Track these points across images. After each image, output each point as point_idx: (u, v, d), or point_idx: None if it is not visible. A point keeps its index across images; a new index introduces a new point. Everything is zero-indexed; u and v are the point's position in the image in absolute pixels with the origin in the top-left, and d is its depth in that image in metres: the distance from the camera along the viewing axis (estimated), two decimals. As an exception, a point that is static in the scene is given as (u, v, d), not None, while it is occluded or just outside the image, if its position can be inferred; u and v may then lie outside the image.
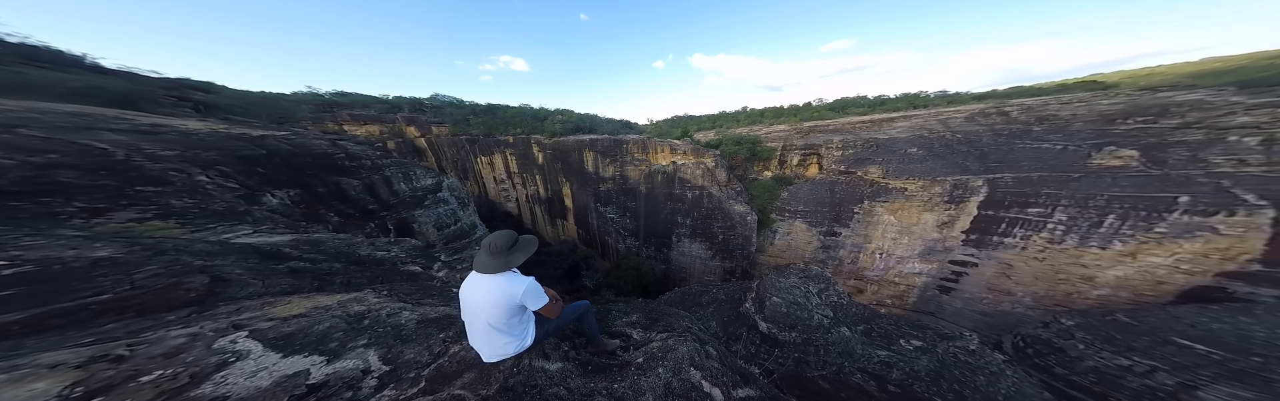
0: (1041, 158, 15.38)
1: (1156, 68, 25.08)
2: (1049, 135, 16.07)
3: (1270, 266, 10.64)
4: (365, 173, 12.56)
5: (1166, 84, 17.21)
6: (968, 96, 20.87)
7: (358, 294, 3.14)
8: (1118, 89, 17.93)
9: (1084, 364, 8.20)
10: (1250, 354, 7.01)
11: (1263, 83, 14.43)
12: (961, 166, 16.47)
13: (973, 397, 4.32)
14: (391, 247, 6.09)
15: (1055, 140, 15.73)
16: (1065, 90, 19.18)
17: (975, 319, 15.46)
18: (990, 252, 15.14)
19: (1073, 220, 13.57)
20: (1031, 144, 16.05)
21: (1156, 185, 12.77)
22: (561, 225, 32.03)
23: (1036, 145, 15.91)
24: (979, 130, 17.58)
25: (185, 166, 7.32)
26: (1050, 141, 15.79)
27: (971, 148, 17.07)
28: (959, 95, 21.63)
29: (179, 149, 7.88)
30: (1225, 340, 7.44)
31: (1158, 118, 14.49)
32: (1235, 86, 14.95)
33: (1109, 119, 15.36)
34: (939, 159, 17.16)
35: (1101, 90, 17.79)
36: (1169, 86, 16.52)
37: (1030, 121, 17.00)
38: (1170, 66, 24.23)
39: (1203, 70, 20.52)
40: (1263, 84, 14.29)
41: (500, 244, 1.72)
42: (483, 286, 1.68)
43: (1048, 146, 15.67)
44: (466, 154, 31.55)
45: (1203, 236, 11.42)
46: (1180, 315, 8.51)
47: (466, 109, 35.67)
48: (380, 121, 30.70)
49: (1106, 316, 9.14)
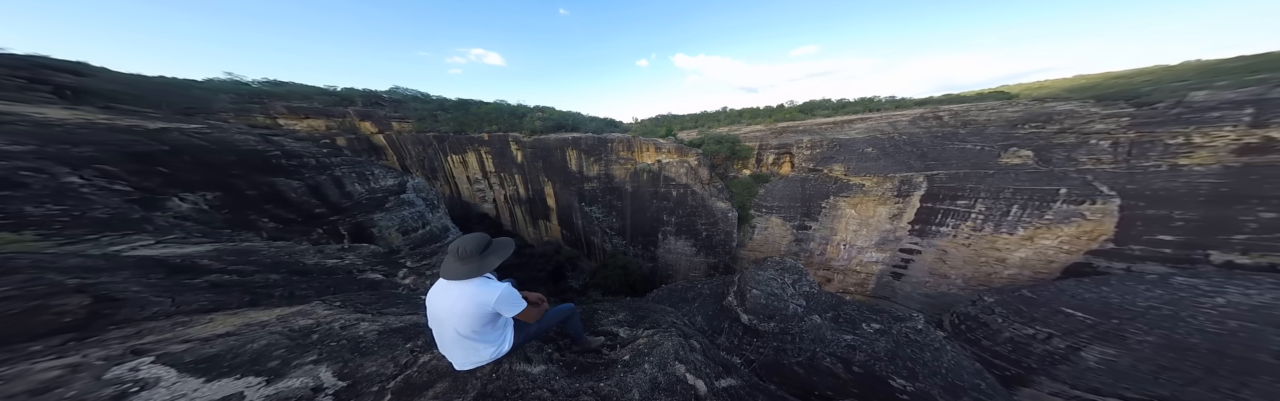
0: (965, 156, 18.39)
1: (1045, 82, 30.74)
2: (970, 137, 19.19)
3: (1119, 244, 14.17)
4: (309, 172, 11.39)
5: (1050, 96, 21.28)
6: (911, 102, 23.99)
7: (303, 307, 2.92)
8: (1018, 99, 21.79)
9: (1002, 335, 10.32)
10: (1110, 317, 9.43)
11: (1111, 97, 18.53)
12: (907, 164, 19.12)
13: (922, 372, 5.08)
14: (345, 255, 5.78)
15: (975, 141, 18.85)
16: (982, 99, 22.90)
17: (921, 300, 18.42)
18: (930, 241, 18.03)
19: (989, 210, 16.61)
20: (958, 145, 19.07)
21: (1045, 180, 16.06)
22: (544, 226, 31.38)
23: (962, 146, 18.94)
24: (919, 132, 20.41)
25: (45, 165, 6.11)
26: (971, 142, 18.89)
27: (914, 147, 19.83)
28: (904, 100, 24.79)
29: (32, 143, 6.54)
30: (1094, 307, 9.88)
31: (1045, 124, 17.99)
32: (1094, 99, 18.97)
33: (1012, 124, 18.71)
34: (889, 157, 19.71)
35: (1006, 100, 21.53)
36: (1052, 98, 20.47)
37: (957, 125, 20.09)
38: (1053, 81, 29.90)
39: (1074, 85, 25.68)
40: (1111, 98, 18.36)
41: (470, 248, 1.62)
42: (450, 294, 1.59)
43: (970, 147, 18.75)
44: (435, 152, 29.28)
45: (1076, 221, 14.76)
46: (1064, 288, 11.04)
47: (434, 104, 32.87)
48: (326, 115, 27.25)
49: (1015, 292, 11.51)
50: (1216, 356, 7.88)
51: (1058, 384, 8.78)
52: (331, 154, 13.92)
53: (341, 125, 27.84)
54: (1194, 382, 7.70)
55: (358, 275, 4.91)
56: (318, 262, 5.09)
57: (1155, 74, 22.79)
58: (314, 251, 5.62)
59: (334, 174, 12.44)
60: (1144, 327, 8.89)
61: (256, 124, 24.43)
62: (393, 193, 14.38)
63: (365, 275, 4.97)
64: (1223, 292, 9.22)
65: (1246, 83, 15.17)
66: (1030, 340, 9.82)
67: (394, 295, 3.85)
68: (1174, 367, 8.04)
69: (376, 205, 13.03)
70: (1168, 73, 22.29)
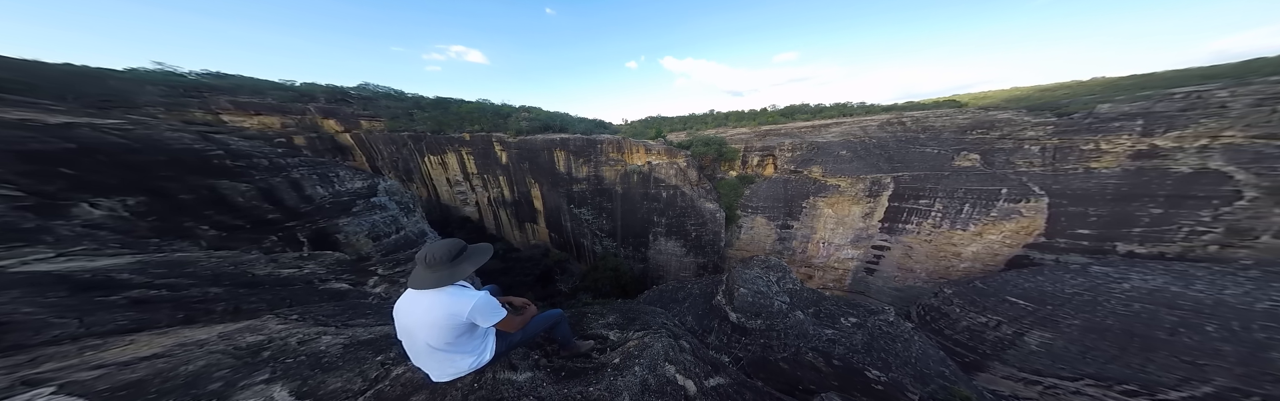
0: (925, 159, 20.41)
1: (988, 92, 34.65)
2: (929, 142, 21.30)
3: (1049, 238, 16.49)
4: (259, 174, 10.44)
5: (993, 105, 24.08)
6: (878, 108, 26.10)
7: (252, 322, 2.72)
8: (967, 107, 24.42)
9: (961, 324, 11.69)
10: (1045, 304, 11.02)
11: (1039, 107, 21.37)
12: (876, 166, 20.88)
13: (895, 362, 5.63)
14: (304, 263, 5.52)
15: (933, 145, 20.96)
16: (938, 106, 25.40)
17: (892, 294, 20.28)
18: (898, 238, 19.88)
19: (946, 208, 18.61)
20: (919, 148, 21.09)
21: (990, 181, 18.25)
22: (531, 229, 30.66)
23: (922, 149, 20.98)
24: (886, 136, 22.30)
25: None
26: (930, 146, 20.98)
27: (882, 150, 21.66)
28: (873, 106, 26.89)
29: None
30: (1032, 295, 11.48)
31: (989, 130, 20.36)
32: (1026, 109, 21.76)
33: (963, 130, 20.99)
34: (861, 160, 21.39)
35: (958, 108, 24.07)
36: (994, 107, 23.19)
37: (918, 130, 22.18)
38: (995, 92, 33.81)
39: (1011, 96, 29.24)
40: (1039, 108, 21.17)
41: (440, 255, 1.52)
42: (420, 304, 1.49)
43: (929, 150, 20.82)
44: (411, 153, 27.51)
45: (1015, 218, 16.97)
46: (1008, 278, 12.72)
47: (409, 102, 30.76)
48: (282, 112, 24.71)
49: (970, 284, 13.09)
50: (1126, 335, 9.54)
51: (1008, 367, 10.16)
52: (287, 154, 12.73)
53: (300, 123, 25.37)
54: (1112, 360, 9.29)
55: (320, 285, 4.66)
56: (271, 273, 4.77)
57: (1072, 88, 26.52)
58: (266, 261, 5.27)
59: (290, 176, 11.38)
60: (1071, 312, 10.54)
61: (193, 120, 21.64)
62: (361, 196, 13.43)
63: (329, 285, 4.74)
64: (1127, 279, 11.14)
65: (1137, 97, 18.11)
66: (984, 328, 11.24)
67: (363, 305, 3.66)
68: (1096, 347, 9.63)
69: (342, 209, 12.12)
70: (1081, 87, 26.02)
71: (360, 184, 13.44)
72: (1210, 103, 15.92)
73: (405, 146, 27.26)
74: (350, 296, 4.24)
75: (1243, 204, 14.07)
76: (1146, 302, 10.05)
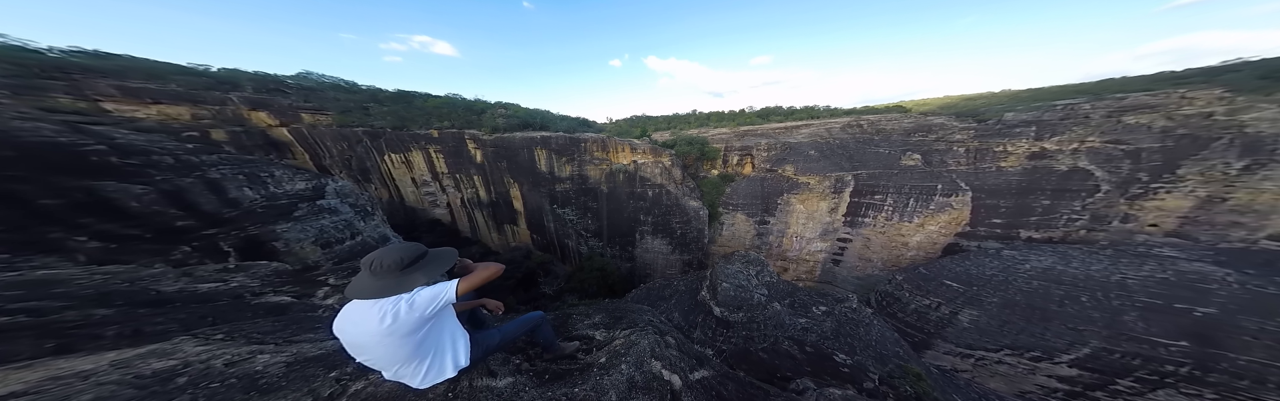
0: (879, 159, 23.13)
1: (927, 100, 39.68)
2: (882, 143, 24.09)
3: (973, 227, 19.84)
4: (162, 174, 9.10)
5: (931, 111, 27.74)
6: (841, 112, 28.72)
7: (159, 345, 2.39)
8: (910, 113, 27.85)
9: (909, 307, 13.79)
10: (971, 285, 13.43)
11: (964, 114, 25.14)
12: (840, 165, 23.21)
13: (859, 345, 6.29)
14: (231, 276, 4.99)
15: (885, 146, 23.75)
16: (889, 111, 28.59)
17: (855, 283, 23.03)
18: (858, 230, 22.52)
19: (896, 203, 21.43)
20: (874, 149, 23.78)
21: (929, 178, 21.31)
22: (511, 231, 29.49)
23: (876, 150, 23.69)
24: (847, 138, 24.76)
25: None
26: (882, 147, 23.76)
27: (844, 151, 24.07)
28: (836, 110, 29.53)
29: None
30: (962, 278, 13.89)
31: (927, 133, 23.53)
32: (954, 115, 25.44)
33: (908, 133, 24.01)
34: (827, 159, 23.60)
35: (904, 113, 27.34)
36: (932, 113, 26.74)
37: (873, 132, 24.91)
38: (933, 99, 38.88)
39: (944, 103, 33.83)
40: (964, 115, 24.92)
41: (390, 261, 1.37)
42: (368, 315, 1.32)
43: (881, 151, 23.58)
44: (367, 150, 24.64)
45: (948, 210, 20.11)
46: (944, 264, 15.18)
47: (364, 95, 27.21)
48: (192, 101, 20.66)
49: (915, 270, 15.40)
50: (1030, 309, 12.07)
51: (948, 344, 12.32)
52: (201, 150, 11.01)
53: (219, 115, 21.42)
54: (1021, 332, 11.74)
55: (253, 299, 4.22)
56: (183, 289, 4.24)
57: (988, 98, 31.46)
58: (175, 275, 4.66)
59: (207, 176, 9.84)
60: (991, 291, 13.03)
61: (57, 108, 17.26)
62: (304, 198, 12.06)
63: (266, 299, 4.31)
64: (1028, 260, 14.01)
65: (1031, 108, 22.04)
66: (928, 309, 13.45)
67: (310, 319, 3.33)
68: (1010, 321, 12.05)
69: (280, 214, 10.83)
70: (995, 98, 30.98)
71: (302, 185, 11.98)
72: (1078, 113, 19.97)
73: (360, 143, 24.34)
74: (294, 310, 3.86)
75: (1100, 196, 18.16)
76: (1042, 280, 12.82)
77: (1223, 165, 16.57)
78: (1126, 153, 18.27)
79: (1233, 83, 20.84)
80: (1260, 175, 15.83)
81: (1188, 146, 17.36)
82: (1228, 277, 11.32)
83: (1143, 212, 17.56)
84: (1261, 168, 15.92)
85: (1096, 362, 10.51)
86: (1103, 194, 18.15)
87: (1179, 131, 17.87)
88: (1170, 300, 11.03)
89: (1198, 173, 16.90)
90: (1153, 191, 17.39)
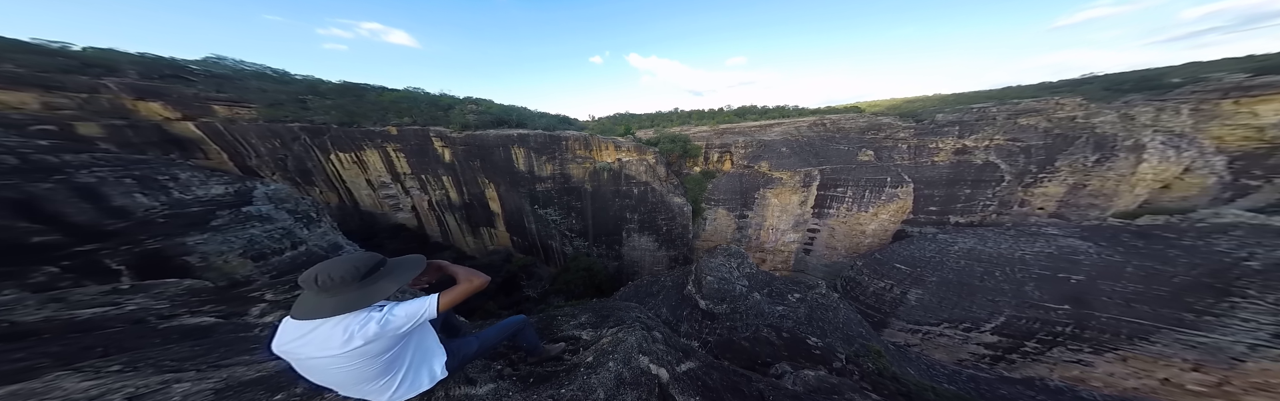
0: (840, 155, 25.68)
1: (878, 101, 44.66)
2: (842, 140, 26.70)
3: (915, 215, 23.18)
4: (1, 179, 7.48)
5: (881, 112, 31.23)
6: (808, 111, 31.08)
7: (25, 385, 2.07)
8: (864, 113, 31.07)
9: (868, 290, 15.83)
10: (916, 266, 15.84)
11: (906, 115, 28.80)
12: (808, 161, 25.36)
13: (829, 328, 6.89)
14: (126, 298, 4.41)
15: (844, 143, 26.38)
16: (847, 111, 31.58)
17: (823, 270, 25.71)
18: (824, 221, 25.05)
19: (855, 195, 24.14)
20: (836, 146, 26.30)
21: (880, 171, 24.26)
22: (488, 234, 27.88)
23: (838, 146, 26.23)
24: (814, 136, 27.00)
25: None
26: (843, 144, 26.36)
27: (811, 147, 26.27)
28: (804, 110, 31.88)
29: None
30: (908, 260, 16.27)
31: (878, 131, 26.56)
32: (899, 116, 28.99)
33: (863, 131, 26.86)
34: (797, 156, 25.62)
35: (859, 113, 30.43)
36: (882, 114, 30.12)
37: (835, 131, 27.43)
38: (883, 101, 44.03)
39: (892, 105, 38.31)
40: (906, 115, 28.54)
41: (341, 272, 1.20)
42: (326, 335, 1.16)
43: (842, 147, 26.17)
44: (306, 149, 21.19)
45: (896, 200, 23.20)
46: (894, 249, 17.62)
47: (299, 85, 23.02)
48: (41, 86, 16.01)
49: (872, 256, 17.65)
50: (960, 285, 14.66)
51: (901, 321, 14.53)
52: (61, 149, 9.04)
53: (89, 104, 16.86)
54: (954, 306, 14.25)
55: (161, 323, 3.66)
56: (51, 317, 3.65)
57: (924, 101, 36.22)
58: (37, 302, 4.00)
59: (75, 180, 8.19)
60: (930, 271, 15.53)
61: None
62: (226, 205, 10.41)
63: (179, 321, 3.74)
64: (956, 242, 16.86)
65: (956, 110, 25.91)
66: (883, 290, 15.66)
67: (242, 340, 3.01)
68: (945, 297, 14.55)
69: (191, 223, 9.28)
70: (929, 101, 35.75)
71: (221, 189, 10.21)
72: (988, 115, 23.94)
73: (297, 141, 20.84)
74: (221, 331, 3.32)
75: (1004, 185, 22.29)
76: (967, 259, 15.63)
77: (1083, 158, 21.19)
78: (1021, 149, 22.49)
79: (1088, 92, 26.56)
80: (1106, 166, 20.57)
81: (1061, 143, 21.86)
82: (1089, 249, 14.85)
83: (1033, 198, 22.01)
84: (1107, 160, 20.66)
85: (1010, 329, 13.29)
86: (1006, 183, 22.30)
87: (1055, 131, 22.37)
88: (1055, 270, 14.22)
89: (1067, 165, 21.45)
90: (1039, 180, 21.79)
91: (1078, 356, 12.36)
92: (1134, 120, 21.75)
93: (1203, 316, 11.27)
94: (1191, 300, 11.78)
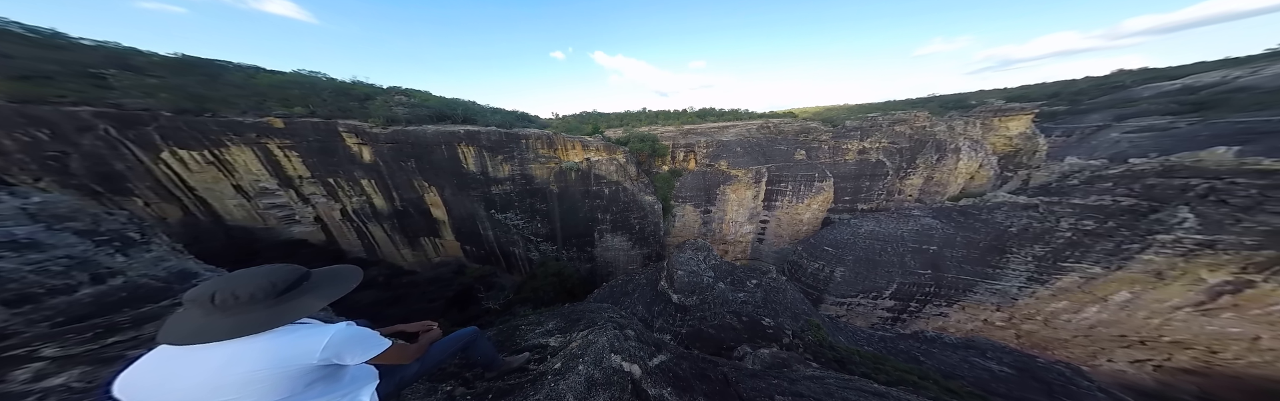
0: (782, 154, 29.58)
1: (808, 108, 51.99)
2: (783, 141, 30.64)
3: (836, 204, 28.71)
4: None
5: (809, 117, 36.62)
6: (758, 115, 34.27)
7: None
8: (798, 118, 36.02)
9: (807, 270, 19.51)
10: (839, 248, 20.13)
11: (826, 120, 34.64)
12: (758, 159, 28.51)
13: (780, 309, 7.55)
14: None
15: (785, 144, 30.37)
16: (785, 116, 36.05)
17: (774, 256, 29.90)
18: (772, 213, 28.94)
19: (794, 189, 28.44)
20: (778, 146, 30.08)
21: (810, 169, 28.98)
22: (431, 244, 23.80)
23: (780, 147, 30.06)
24: (762, 137, 30.22)
25: None
26: (783, 145, 30.31)
27: (759, 148, 29.47)
28: (754, 113, 35.02)
29: None
30: (834, 243, 20.59)
31: (808, 134, 31.31)
32: (822, 121, 34.63)
33: (797, 134, 31.26)
34: (749, 155, 28.50)
35: (794, 118, 35.14)
36: (810, 119, 35.36)
37: (778, 133, 31.18)
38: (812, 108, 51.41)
39: (817, 112, 45.11)
40: (827, 121, 34.33)
41: (252, 288, 0.96)
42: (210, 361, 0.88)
43: (782, 148, 30.10)
44: (112, 144, 13.83)
45: (822, 193, 28.26)
46: (824, 234, 21.89)
47: (88, 54, 13.89)
48: None
49: (808, 241, 21.63)
50: (867, 262, 19.22)
51: (832, 296, 18.37)
52: None
53: None
54: (865, 279, 18.66)
55: None
56: None
57: (839, 110, 43.84)
58: None
59: None
60: (847, 251, 19.90)
61: None
62: None
63: None
64: (863, 226, 21.84)
65: (857, 118, 32.26)
66: (818, 270, 19.51)
67: None
68: (859, 272, 18.92)
69: None
70: (842, 109, 43.48)
71: None
72: (877, 123, 30.58)
73: (89, 133, 13.42)
74: None
75: (888, 178, 29.33)
76: (870, 239, 20.57)
77: (930, 157, 29.22)
78: (897, 150, 29.69)
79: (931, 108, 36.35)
80: (943, 163, 28.87)
81: (918, 146, 29.60)
82: (938, 225, 21.11)
83: (905, 188, 29.65)
84: (943, 159, 28.96)
85: (899, 294, 18.23)
86: (889, 177, 29.37)
87: (915, 137, 30.09)
88: (920, 243, 19.86)
89: (923, 162, 29.31)
90: (907, 174, 29.35)
91: (939, 310, 17.89)
92: (954, 130, 30.83)
93: (996, 269, 17.48)
94: (990, 258, 18.08)
